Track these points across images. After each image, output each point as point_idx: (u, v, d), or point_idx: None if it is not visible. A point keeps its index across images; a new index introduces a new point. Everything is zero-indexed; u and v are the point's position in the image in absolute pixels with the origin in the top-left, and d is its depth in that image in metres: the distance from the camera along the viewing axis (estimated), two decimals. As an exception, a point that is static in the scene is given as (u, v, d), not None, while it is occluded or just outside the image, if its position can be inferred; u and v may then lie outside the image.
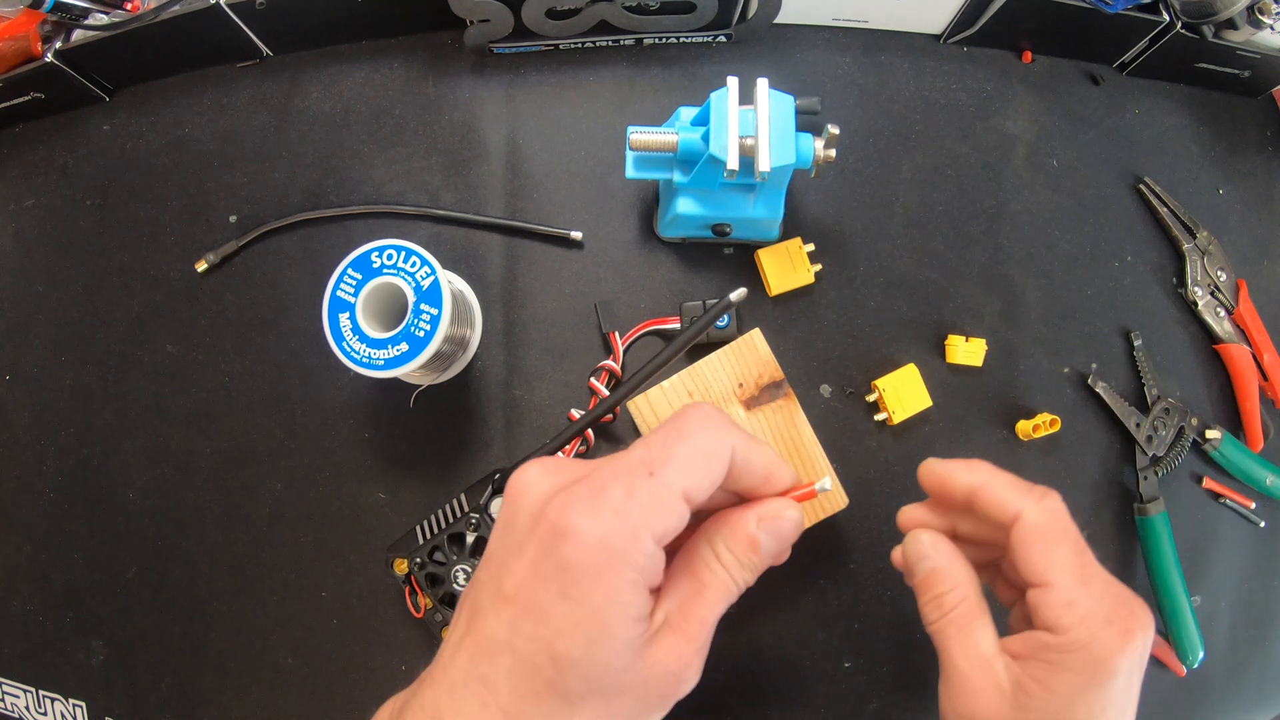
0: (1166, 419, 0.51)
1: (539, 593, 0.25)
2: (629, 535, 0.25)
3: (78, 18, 0.49)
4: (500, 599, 0.26)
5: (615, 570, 0.25)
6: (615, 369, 0.49)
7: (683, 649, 0.28)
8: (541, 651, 0.25)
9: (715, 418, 0.28)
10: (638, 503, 0.25)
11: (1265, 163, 0.57)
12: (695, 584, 0.29)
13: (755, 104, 0.40)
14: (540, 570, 0.25)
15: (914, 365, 0.49)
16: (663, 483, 0.26)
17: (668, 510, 0.26)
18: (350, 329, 0.41)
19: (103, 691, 0.50)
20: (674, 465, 0.26)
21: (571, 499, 0.26)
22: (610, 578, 0.25)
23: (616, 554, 0.25)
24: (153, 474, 0.51)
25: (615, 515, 0.25)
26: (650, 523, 0.25)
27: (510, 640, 0.26)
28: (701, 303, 0.49)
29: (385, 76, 0.53)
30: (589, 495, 0.26)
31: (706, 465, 0.27)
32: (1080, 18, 0.51)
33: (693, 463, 0.27)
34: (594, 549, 0.25)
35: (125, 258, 0.53)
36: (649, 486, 0.26)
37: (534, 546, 0.26)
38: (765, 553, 0.30)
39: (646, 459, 0.26)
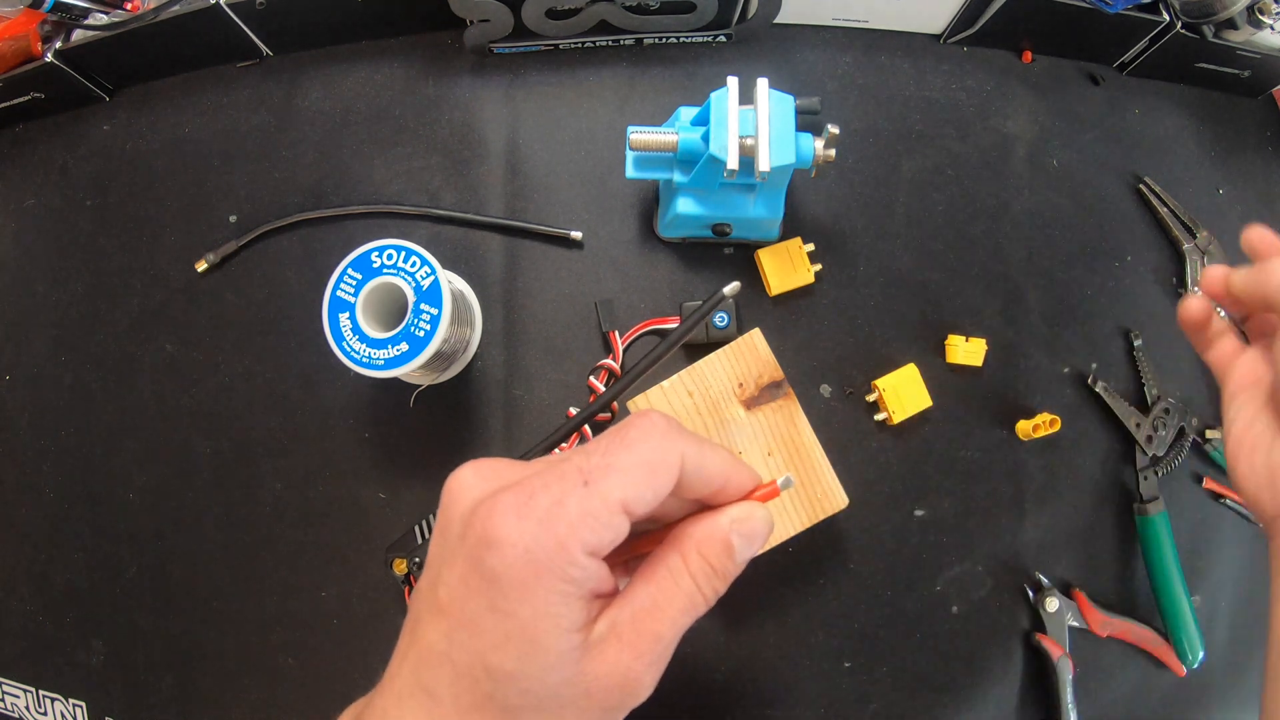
0: (1166, 419, 0.51)
1: (469, 604, 0.25)
2: (555, 547, 0.24)
3: (78, 18, 0.49)
4: (436, 609, 0.25)
5: (542, 582, 0.24)
6: (615, 368, 0.49)
7: (629, 663, 0.26)
8: (477, 664, 0.24)
9: (662, 426, 0.27)
10: (566, 513, 0.24)
11: (1265, 163, 0.57)
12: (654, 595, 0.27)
13: (755, 104, 0.40)
14: (469, 581, 0.25)
15: (914, 365, 0.49)
16: (597, 493, 0.25)
17: (601, 522, 0.25)
18: (350, 329, 0.41)
19: (103, 691, 0.50)
20: (612, 475, 0.25)
21: (497, 507, 0.25)
22: (537, 590, 0.24)
23: (543, 566, 0.24)
24: (153, 474, 0.51)
25: (541, 526, 0.24)
26: (579, 534, 0.24)
27: (448, 652, 0.25)
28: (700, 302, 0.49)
29: (385, 76, 0.53)
30: (515, 504, 0.24)
31: (649, 476, 0.26)
32: (1080, 18, 0.51)
33: (633, 473, 0.25)
34: (519, 561, 0.24)
35: (125, 258, 0.53)
36: (580, 496, 0.25)
37: (463, 556, 0.25)
38: (739, 557, 0.28)
39: (583, 468, 0.25)
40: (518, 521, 0.24)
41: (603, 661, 0.26)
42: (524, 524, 0.24)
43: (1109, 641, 0.50)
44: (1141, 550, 0.50)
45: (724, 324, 0.49)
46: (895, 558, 0.49)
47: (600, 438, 0.27)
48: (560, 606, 0.24)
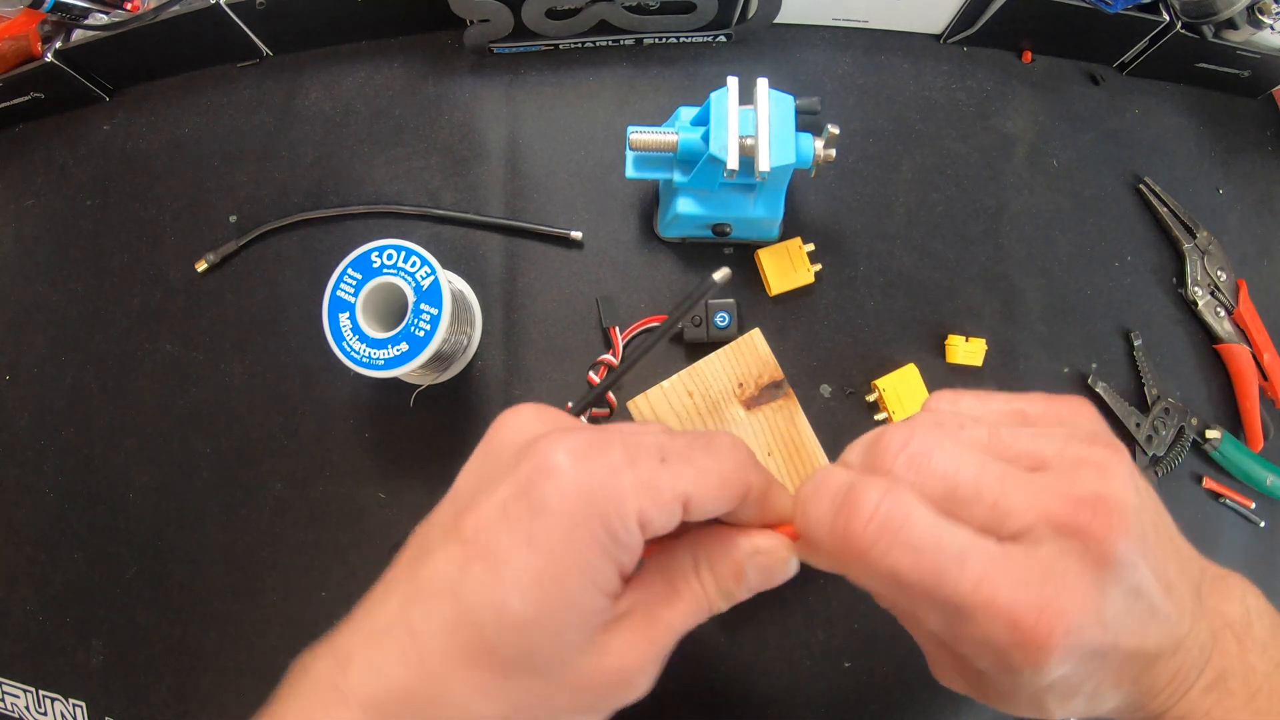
0: (1166, 419, 0.51)
1: (502, 536, 0.22)
2: (616, 499, 0.22)
3: (78, 18, 0.49)
4: (454, 537, 0.23)
5: (591, 529, 0.22)
6: (614, 364, 0.49)
7: (641, 648, 0.24)
8: (488, 604, 0.22)
9: (745, 450, 0.26)
10: (636, 475, 0.23)
11: (1265, 163, 0.57)
12: (668, 589, 0.26)
13: (755, 104, 0.40)
14: (509, 510, 0.22)
15: (914, 365, 0.49)
16: (669, 474, 0.23)
17: (662, 501, 0.23)
18: (350, 329, 0.41)
19: (103, 691, 0.50)
20: (689, 467, 0.24)
21: (565, 439, 0.23)
22: (584, 536, 0.22)
23: (596, 512, 0.22)
24: (153, 474, 0.51)
25: (610, 472, 0.22)
26: (640, 499, 0.23)
27: (456, 585, 0.22)
28: (704, 302, 0.49)
29: (385, 76, 0.53)
30: (586, 445, 0.23)
31: (719, 487, 0.24)
32: (1080, 18, 0.51)
33: (708, 477, 0.24)
34: (575, 497, 0.22)
35: (125, 258, 0.53)
36: (653, 468, 0.23)
37: (510, 484, 0.23)
38: (747, 587, 0.27)
39: (663, 446, 0.24)
40: (585, 462, 0.22)
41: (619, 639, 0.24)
42: (591, 465, 0.22)
43: (1109, 641, 0.50)
44: (1141, 550, 0.50)
45: (725, 324, 0.49)
46: (895, 558, 0.49)
47: (684, 433, 0.26)
48: (599, 560, 0.23)
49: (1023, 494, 0.23)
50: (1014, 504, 0.23)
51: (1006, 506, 0.23)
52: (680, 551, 0.27)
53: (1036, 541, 0.23)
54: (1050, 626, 0.21)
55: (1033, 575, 0.22)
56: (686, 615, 0.26)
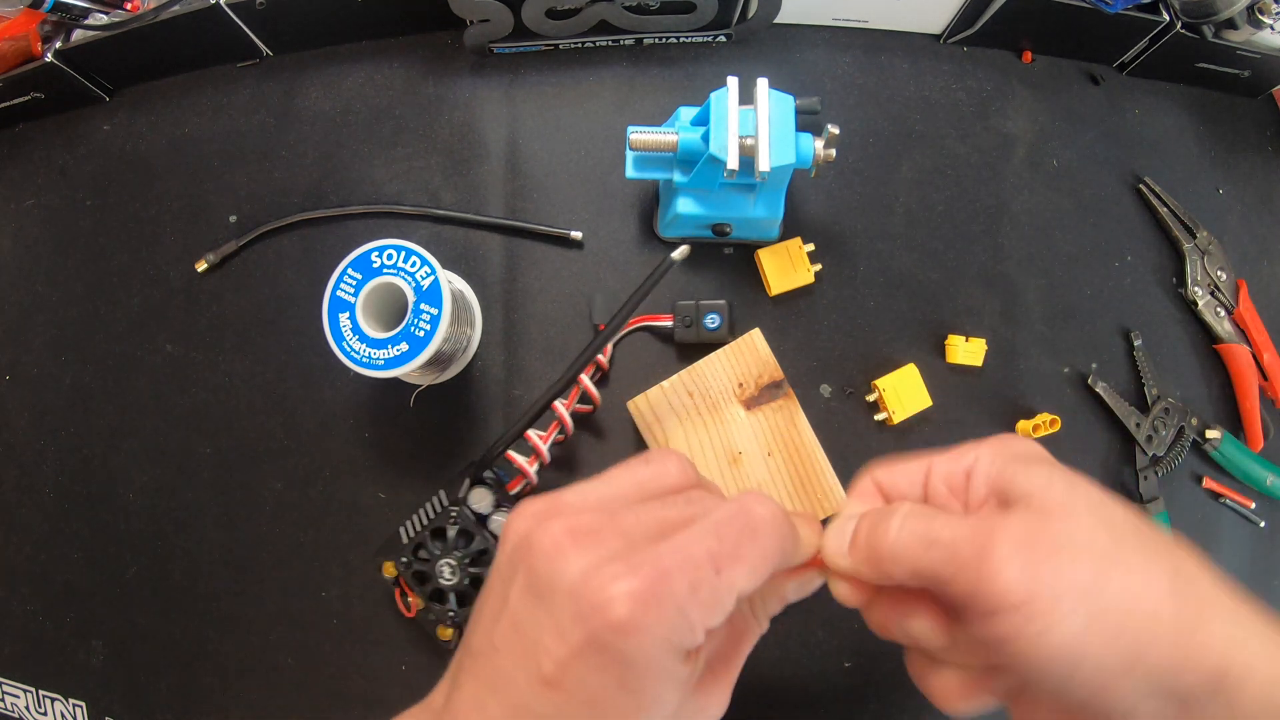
0: (1166, 419, 0.51)
1: (592, 684, 0.24)
2: (689, 632, 0.25)
3: (78, 18, 0.49)
4: (542, 681, 0.25)
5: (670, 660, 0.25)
6: (602, 362, 0.49)
7: (723, 693, 0.29)
8: None
9: (784, 522, 0.28)
10: (700, 602, 0.25)
11: (1265, 163, 0.57)
12: (733, 635, 0.31)
13: (755, 104, 0.40)
14: (590, 660, 0.24)
15: (914, 365, 0.49)
16: (726, 583, 0.25)
17: (725, 609, 0.26)
18: (350, 329, 0.41)
19: (103, 691, 0.50)
20: (740, 567, 0.26)
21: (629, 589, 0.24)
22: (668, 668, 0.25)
23: (673, 650, 0.25)
24: (153, 474, 0.51)
25: (679, 614, 0.24)
26: (709, 620, 0.25)
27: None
28: (694, 302, 0.49)
29: (385, 76, 0.53)
30: (650, 588, 0.24)
31: (768, 568, 0.27)
32: (1080, 18, 0.51)
33: (758, 567, 0.26)
34: (656, 648, 0.24)
35: (125, 258, 0.53)
36: (713, 585, 0.25)
37: (581, 632, 0.24)
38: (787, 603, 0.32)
39: (715, 554, 0.25)
40: (656, 608, 0.24)
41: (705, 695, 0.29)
42: (662, 611, 0.24)
43: (1109, 641, 0.50)
44: (1141, 550, 0.50)
45: (715, 325, 0.48)
46: (895, 558, 0.49)
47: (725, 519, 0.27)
48: (682, 671, 0.26)
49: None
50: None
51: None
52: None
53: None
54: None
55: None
56: (748, 646, 0.31)
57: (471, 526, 0.45)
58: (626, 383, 0.49)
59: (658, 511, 0.28)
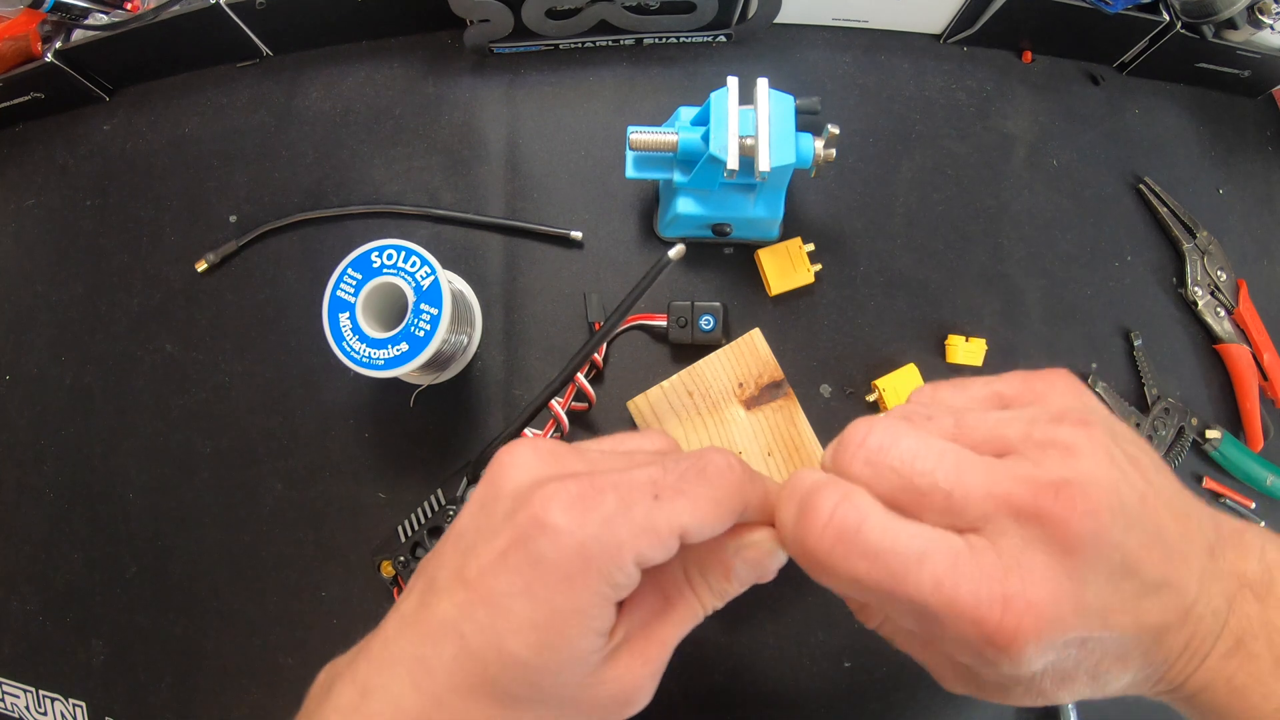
0: (1166, 419, 0.51)
1: (502, 583, 0.24)
2: (612, 549, 0.23)
3: (78, 18, 0.49)
4: (459, 581, 0.25)
5: (588, 580, 0.23)
6: (597, 360, 0.49)
7: (639, 670, 0.26)
8: (490, 646, 0.24)
9: (739, 470, 0.26)
10: (630, 520, 0.24)
11: (1265, 163, 0.57)
12: (661, 603, 0.27)
13: (755, 104, 0.40)
14: (509, 560, 0.24)
15: (914, 365, 0.49)
16: (664, 511, 0.24)
17: (659, 540, 0.24)
18: (350, 329, 0.41)
19: (103, 691, 0.50)
20: (683, 499, 0.24)
21: (561, 492, 0.24)
22: (581, 586, 0.23)
23: (593, 564, 0.23)
24: (153, 474, 0.51)
25: (604, 524, 0.23)
26: (637, 545, 0.24)
27: (459, 627, 0.24)
28: (690, 303, 0.49)
29: (385, 76, 0.53)
30: (580, 495, 0.24)
31: (715, 512, 0.25)
32: (1080, 18, 0.51)
33: (702, 505, 0.25)
34: (572, 552, 0.23)
35: (125, 258, 0.53)
36: (648, 509, 0.24)
37: (509, 533, 0.24)
38: (739, 582, 0.28)
39: (658, 481, 0.25)
40: (581, 513, 0.23)
41: (617, 667, 0.26)
42: (586, 517, 0.23)
43: (1109, 641, 0.50)
44: (1141, 550, 0.50)
45: (710, 327, 0.48)
46: (895, 558, 0.49)
47: (677, 457, 0.26)
48: (596, 607, 0.24)
49: (980, 481, 0.23)
50: (971, 493, 0.23)
51: (963, 496, 0.23)
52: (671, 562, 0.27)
53: (999, 532, 0.22)
54: (1017, 621, 0.21)
55: (995, 569, 0.22)
56: (681, 625, 0.27)
57: (471, 526, 0.45)
58: (621, 381, 0.49)
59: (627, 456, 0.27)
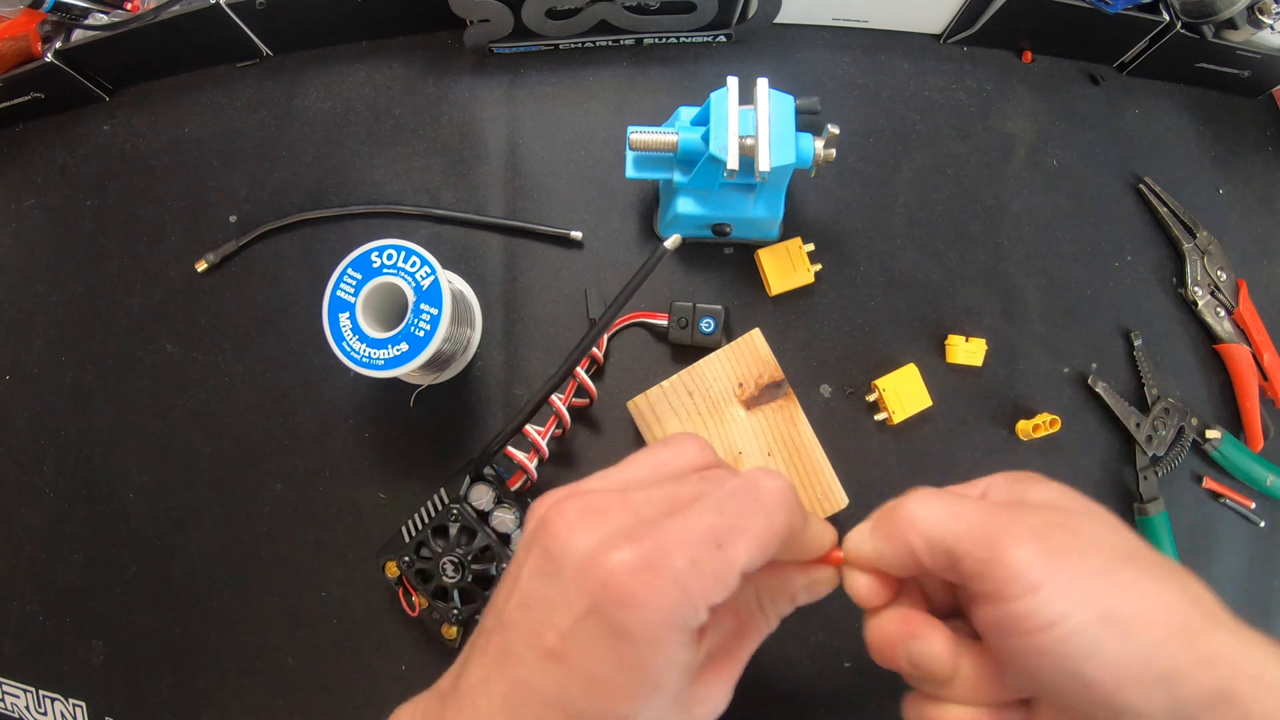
0: (1166, 419, 0.51)
1: (592, 656, 0.25)
2: (690, 608, 0.25)
3: (78, 18, 0.49)
4: (545, 654, 0.25)
5: (671, 638, 0.25)
6: (598, 356, 0.49)
7: (722, 686, 0.29)
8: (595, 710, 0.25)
9: (791, 498, 0.27)
10: (701, 576, 0.25)
11: (1265, 163, 0.57)
12: (739, 625, 0.30)
13: (755, 104, 0.40)
14: (591, 635, 0.25)
15: (914, 365, 0.49)
16: (728, 558, 0.25)
17: (728, 586, 0.25)
18: (350, 329, 0.41)
19: (103, 691, 0.50)
20: (743, 540, 0.26)
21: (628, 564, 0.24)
22: (665, 646, 0.25)
23: (675, 625, 0.25)
24: (153, 474, 0.51)
25: (679, 589, 0.24)
26: (711, 596, 0.25)
27: (560, 700, 0.25)
28: (692, 304, 0.49)
29: (385, 76, 0.53)
30: (649, 563, 0.24)
31: (772, 545, 0.26)
32: (1080, 18, 0.51)
33: (762, 541, 0.26)
34: (656, 622, 0.24)
35: (125, 258, 0.53)
36: (714, 561, 0.25)
37: (584, 604, 0.25)
38: (797, 605, 0.31)
39: (717, 528, 0.25)
40: (655, 580, 0.24)
41: (706, 687, 0.28)
42: (661, 584, 0.24)
43: (1109, 641, 0.50)
44: (1141, 550, 0.50)
45: (710, 330, 0.48)
46: (895, 558, 0.49)
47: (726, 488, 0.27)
48: (683, 654, 0.25)
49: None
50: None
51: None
52: (746, 591, 0.30)
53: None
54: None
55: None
56: (754, 642, 0.31)
57: (473, 523, 0.45)
58: (621, 379, 0.49)
59: (671, 489, 0.28)
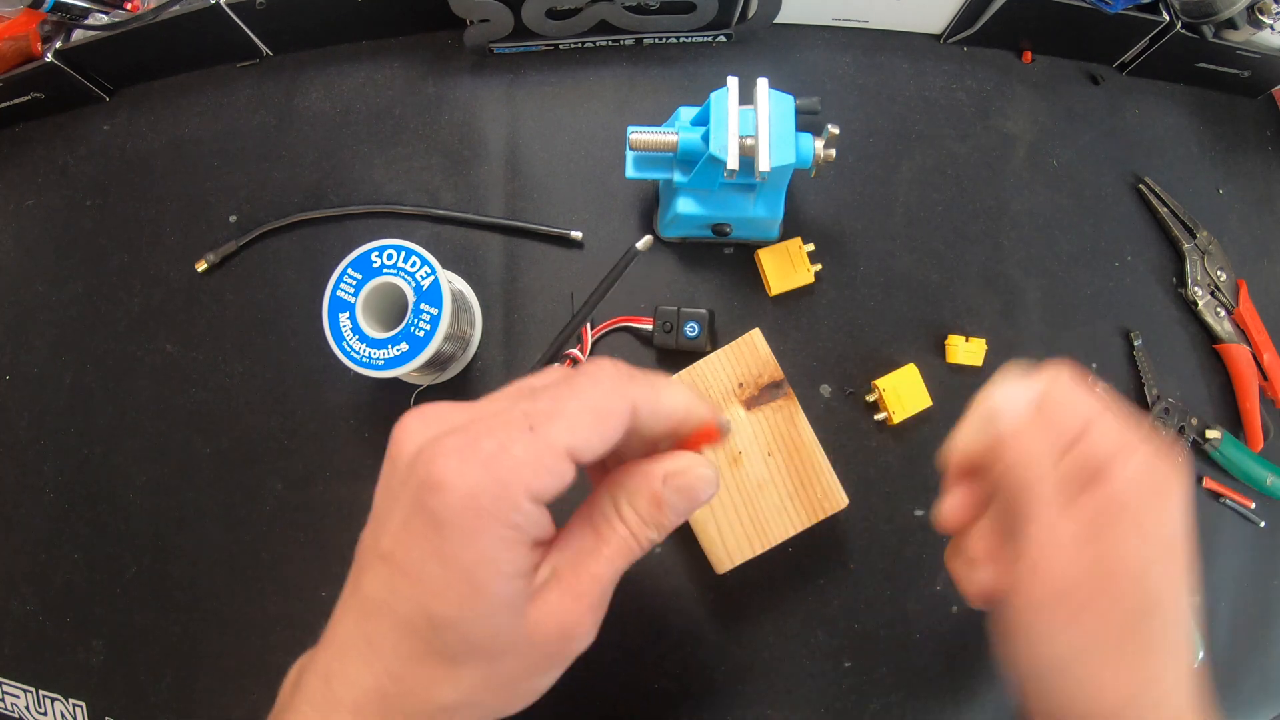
0: (1166, 419, 0.51)
1: (412, 551, 0.24)
2: (500, 491, 0.24)
3: (78, 18, 0.49)
4: (378, 557, 0.25)
5: (485, 527, 0.24)
6: (581, 359, 0.49)
7: (570, 605, 0.26)
8: (418, 613, 0.24)
9: (611, 371, 0.26)
10: (512, 458, 0.24)
11: (1265, 163, 0.57)
12: (593, 539, 0.27)
13: (755, 104, 0.40)
14: (412, 527, 0.24)
15: (914, 365, 0.49)
16: (544, 439, 0.24)
17: (545, 468, 0.24)
18: (350, 329, 0.41)
19: (103, 691, 0.50)
20: (558, 421, 0.25)
21: (440, 450, 0.24)
22: (480, 535, 0.24)
23: (486, 511, 0.23)
24: (153, 474, 0.51)
25: (484, 470, 0.23)
26: (525, 480, 0.24)
27: (389, 601, 0.25)
28: (676, 308, 0.49)
29: (385, 76, 0.53)
30: (458, 447, 0.24)
31: (598, 424, 0.25)
32: (1080, 18, 0.51)
33: (580, 419, 0.25)
34: (462, 504, 0.23)
35: (125, 258, 0.53)
36: (526, 442, 0.24)
37: (406, 500, 0.24)
38: (673, 511, 0.28)
39: (529, 413, 0.25)
40: (460, 464, 0.24)
41: (546, 605, 0.26)
42: (467, 467, 0.24)
43: (1109, 641, 0.50)
44: (1141, 550, 0.50)
45: (694, 334, 0.48)
46: (895, 558, 0.49)
47: (549, 384, 0.26)
48: (503, 552, 0.24)
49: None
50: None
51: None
52: (601, 495, 0.28)
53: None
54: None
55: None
56: (614, 560, 0.27)
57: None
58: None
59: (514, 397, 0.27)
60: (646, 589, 0.47)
